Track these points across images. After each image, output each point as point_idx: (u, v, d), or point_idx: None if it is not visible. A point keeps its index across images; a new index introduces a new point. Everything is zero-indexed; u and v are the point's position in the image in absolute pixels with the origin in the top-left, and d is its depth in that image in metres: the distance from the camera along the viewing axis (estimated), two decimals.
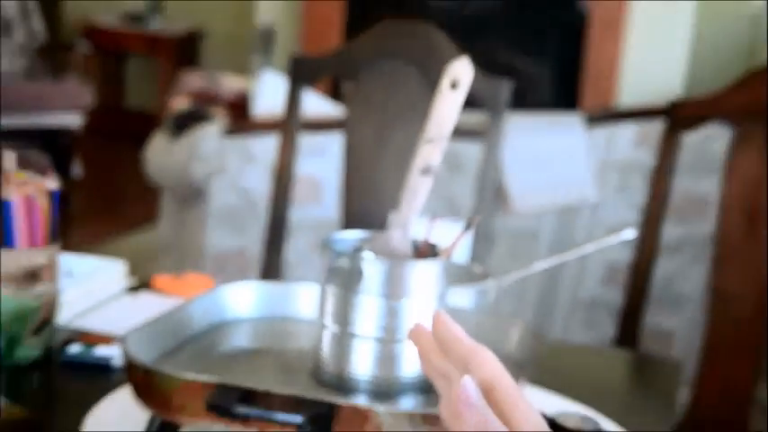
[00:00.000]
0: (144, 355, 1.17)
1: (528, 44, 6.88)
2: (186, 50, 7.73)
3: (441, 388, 0.87)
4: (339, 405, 1.10)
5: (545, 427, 0.86)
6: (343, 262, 1.18)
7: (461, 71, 1.15)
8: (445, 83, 1.15)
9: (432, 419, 1.10)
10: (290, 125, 2.36)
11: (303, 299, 1.38)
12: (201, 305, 1.35)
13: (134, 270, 1.84)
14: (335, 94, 3.95)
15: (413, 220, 1.19)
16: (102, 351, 1.49)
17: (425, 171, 1.17)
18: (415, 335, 0.88)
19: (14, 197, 1.44)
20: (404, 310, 1.17)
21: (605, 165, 3.39)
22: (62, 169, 5.66)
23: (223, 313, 1.37)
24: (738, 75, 2.18)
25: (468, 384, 0.81)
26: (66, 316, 1.57)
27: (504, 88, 2.20)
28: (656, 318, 3.31)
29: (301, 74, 2.36)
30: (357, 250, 1.18)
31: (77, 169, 6.44)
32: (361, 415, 1.09)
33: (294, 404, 1.10)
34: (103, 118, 7.06)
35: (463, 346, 0.86)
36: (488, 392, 0.84)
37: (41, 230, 1.46)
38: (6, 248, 1.44)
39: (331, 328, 1.19)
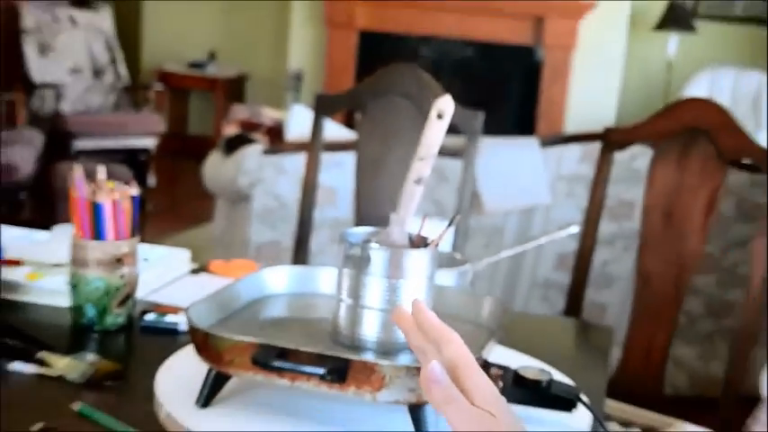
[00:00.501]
0: (203, 322, 1.17)
1: (496, 85, 6.87)
2: (235, 89, 7.72)
3: (420, 360, 0.87)
4: (352, 360, 1.10)
5: (498, 394, 0.86)
6: (355, 251, 1.18)
7: (445, 105, 1.15)
8: (433, 114, 1.15)
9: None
10: (314, 146, 2.36)
11: (324, 279, 1.38)
12: (246, 284, 1.35)
13: (195, 257, 1.84)
14: (349, 122, 3.95)
15: (408, 219, 1.19)
16: (171, 319, 1.49)
17: (418, 181, 1.17)
18: (397, 317, 0.89)
19: (105, 201, 1.44)
20: (402, 287, 1.17)
21: (556, 177, 3.39)
22: (140, 180, 5.64)
23: (263, 290, 1.37)
24: (656, 108, 2.18)
25: (435, 366, 0.82)
26: (143, 292, 1.57)
27: (478, 118, 2.20)
28: (594, 294, 3.31)
29: (323, 107, 2.36)
30: (366, 242, 1.18)
31: (152, 180, 6.44)
32: (369, 368, 1.09)
33: (317, 359, 1.10)
34: (171, 141, 7.05)
35: (435, 329, 0.87)
36: (453, 369, 0.84)
37: (125, 226, 1.46)
38: (99, 240, 1.44)
39: (346, 301, 1.19)
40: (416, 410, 1.11)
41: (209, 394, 1.17)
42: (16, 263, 1.62)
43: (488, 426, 0.82)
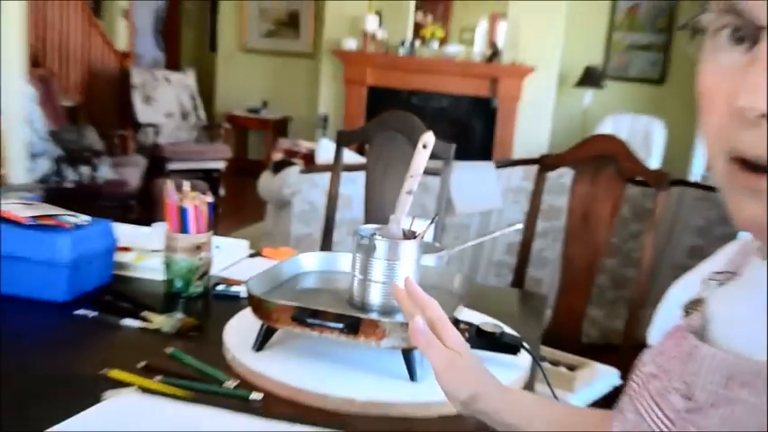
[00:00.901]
0: (257, 291, 1.17)
1: (464, 125, 6.87)
2: (280, 127, 7.72)
3: (408, 319, 0.88)
4: (362, 318, 1.10)
5: (463, 341, 0.87)
6: (365, 241, 1.18)
7: (428, 138, 1.15)
8: (419, 145, 1.15)
9: None
10: (336, 167, 2.36)
11: (343, 261, 1.38)
12: (287, 264, 1.35)
13: (252, 246, 1.84)
14: (360, 151, 3.94)
15: (402, 219, 1.19)
16: (235, 289, 1.49)
17: (409, 192, 1.17)
18: (394, 290, 0.91)
19: (189, 206, 1.44)
20: (397, 267, 1.17)
21: (506, 189, 3.38)
22: (214, 191, 5.65)
23: (299, 268, 1.37)
24: (576, 141, 2.18)
25: (419, 321, 0.83)
26: (215, 270, 1.57)
27: (451, 148, 2.20)
28: (533, 272, 3.30)
29: (342, 140, 2.36)
30: (372, 235, 1.18)
31: (222, 191, 6.44)
32: (374, 324, 1.09)
33: (338, 318, 1.10)
34: (235, 164, 7.05)
35: (420, 298, 0.88)
36: (432, 324, 0.85)
37: (203, 224, 1.46)
38: (184, 234, 1.44)
39: (358, 276, 1.19)
40: (408, 354, 1.11)
41: (261, 342, 1.17)
42: (127, 249, 1.62)
43: (457, 361, 0.83)
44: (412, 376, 1.10)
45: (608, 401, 1.94)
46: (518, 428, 0.80)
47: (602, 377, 2.06)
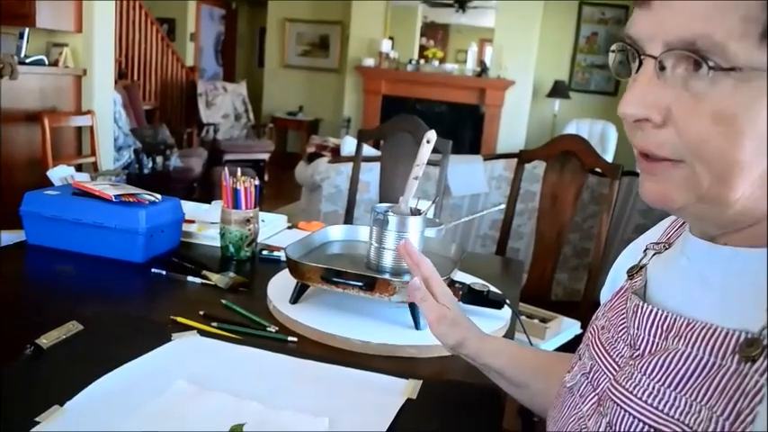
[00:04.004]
0: (294, 255, 1.15)
1: (459, 126, 6.82)
2: (313, 127, 7.70)
3: (413, 272, 0.88)
4: (377, 278, 1.08)
5: (452, 295, 0.87)
6: (380, 217, 1.16)
7: (431, 136, 1.13)
8: (424, 141, 1.12)
9: None
10: (357, 159, 2.33)
11: (362, 232, 1.36)
12: (318, 235, 1.33)
13: (289, 220, 1.82)
14: (376, 146, 3.92)
15: (409, 199, 1.17)
16: (276, 254, 1.47)
17: (415, 179, 1.15)
18: (398, 246, 0.91)
19: (240, 188, 1.42)
20: (406, 237, 1.15)
21: (490, 177, 3.35)
22: (260, 177, 5.66)
23: (327, 238, 1.35)
24: (547, 140, 2.15)
25: (416, 279, 0.83)
26: (261, 238, 1.56)
27: (448, 144, 2.17)
28: (512, 243, 3.29)
29: (362, 137, 2.34)
30: (386, 212, 1.16)
31: (266, 177, 6.43)
32: (386, 282, 1.07)
33: (358, 277, 1.09)
34: (278, 156, 7.05)
35: (416, 257, 0.87)
36: (427, 281, 0.84)
37: (251, 202, 1.44)
38: (237, 210, 1.42)
39: (374, 245, 1.17)
40: (413, 307, 1.09)
41: (296, 296, 1.15)
42: (191, 221, 1.61)
43: (446, 314, 0.82)
44: (416, 325, 1.09)
45: (572, 346, 1.92)
46: (492, 366, 0.82)
47: (567, 328, 2.05)
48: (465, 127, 6.87)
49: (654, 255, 0.63)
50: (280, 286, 1.21)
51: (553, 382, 0.74)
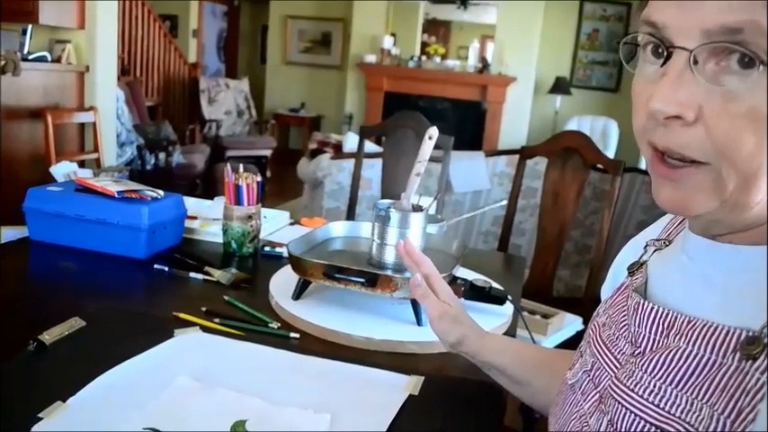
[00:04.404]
0: (296, 251, 1.15)
1: (461, 122, 6.81)
2: (315, 123, 7.69)
3: (411, 271, 0.88)
4: (379, 274, 1.08)
5: (452, 292, 0.87)
6: (381, 213, 1.15)
7: (433, 132, 1.12)
8: (426, 137, 1.12)
9: None
10: (359, 155, 2.33)
11: (364, 229, 1.35)
12: (320, 231, 1.33)
13: (292, 216, 1.81)
14: (378, 142, 3.91)
15: (411, 195, 1.17)
16: (278, 250, 1.47)
17: (417, 175, 1.14)
18: (398, 246, 0.91)
19: (243, 184, 1.42)
20: (408, 234, 1.14)
21: (492, 173, 3.34)
22: (262, 173, 5.66)
23: (329, 234, 1.35)
24: (548, 136, 2.14)
25: (417, 276, 0.84)
26: (263, 234, 1.56)
27: (450, 140, 2.17)
28: (514, 239, 3.29)
29: (364, 134, 2.33)
30: (388, 208, 1.16)
31: (269, 173, 6.43)
32: (388, 279, 1.07)
33: (360, 273, 1.08)
34: (280, 152, 7.04)
35: (416, 256, 0.87)
36: (427, 278, 0.84)
37: (253, 198, 1.44)
38: (239, 206, 1.42)
39: (376, 241, 1.17)
40: (415, 303, 1.09)
41: (299, 292, 1.15)
42: (193, 217, 1.61)
43: (447, 311, 0.82)
44: (418, 321, 1.08)
45: (573, 342, 1.92)
46: (493, 364, 0.82)
47: (569, 324, 2.04)
48: (467, 123, 6.86)
49: (654, 251, 0.63)
50: (282, 282, 1.21)
51: (554, 379, 0.74)
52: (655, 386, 0.51)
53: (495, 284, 1.22)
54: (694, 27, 0.44)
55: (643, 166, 5.75)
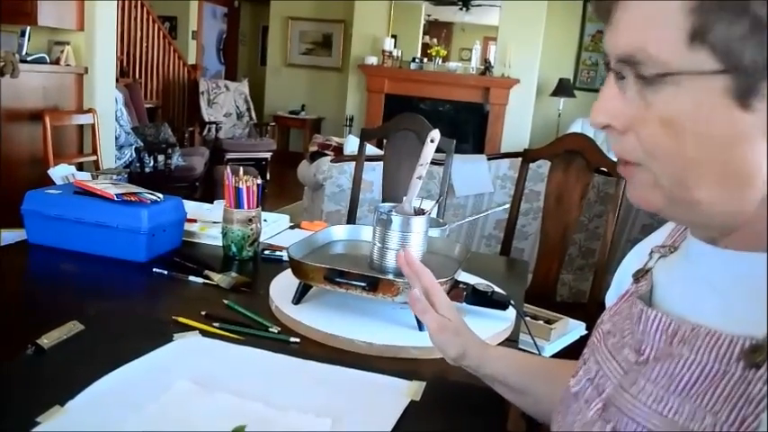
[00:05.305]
0: (297, 255, 1.15)
1: (463, 125, 6.81)
2: (316, 126, 7.70)
3: (411, 282, 0.88)
4: (380, 278, 1.08)
5: (453, 307, 0.86)
6: (383, 216, 1.16)
7: (434, 135, 1.12)
8: (427, 140, 1.12)
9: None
10: (360, 158, 2.33)
11: (365, 232, 1.35)
12: (321, 234, 1.33)
13: (292, 220, 1.82)
14: (379, 145, 3.92)
15: (413, 199, 1.17)
16: (279, 253, 1.47)
17: (419, 178, 1.15)
18: (398, 256, 0.89)
19: (243, 187, 1.42)
20: (409, 237, 1.15)
21: (495, 176, 3.34)
22: (262, 175, 5.64)
23: (330, 238, 1.35)
24: (552, 139, 2.14)
25: (416, 291, 0.83)
26: (263, 238, 1.56)
27: (452, 143, 2.17)
28: (517, 243, 3.28)
29: (365, 136, 2.33)
30: (389, 212, 1.16)
31: (269, 176, 6.43)
32: (390, 283, 1.07)
33: (361, 277, 1.08)
34: (280, 155, 7.05)
35: (416, 267, 0.87)
36: (426, 291, 0.84)
37: (254, 201, 1.44)
38: (239, 209, 1.42)
39: (377, 245, 1.17)
40: None
41: (299, 296, 1.15)
42: (193, 221, 1.61)
43: (447, 325, 0.82)
44: (419, 326, 1.08)
45: (576, 348, 1.92)
46: (496, 375, 0.82)
47: (573, 329, 2.04)
48: (469, 126, 6.86)
49: (659, 258, 0.63)
50: (282, 286, 1.21)
51: (556, 387, 0.74)
52: (658, 394, 0.52)
53: (497, 289, 1.22)
54: (611, 51, 0.53)
55: None
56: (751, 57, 0.45)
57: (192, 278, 1.28)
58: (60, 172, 1.65)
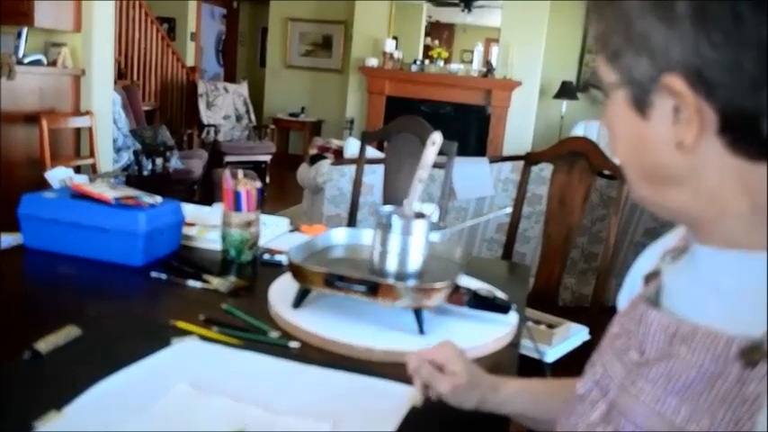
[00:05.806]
0: (296, 259, 1.16)
1: (464, 127, 6.81)
2: (315, 128, 7.70)
3: (415, 383, 0.85)
4: (381, 282, 1.08)
5: (459, 355, 0.85)
6: (383, 220, 1.16)
7: (436, 137, 1.13)
8: (428, 143, 1.13)
9: (422, 290, 1.08)
10: (360, 161, 2.34)
11: (365, 236, 1.35)
12: (321, 238, 1.33)
13: (292, 223, 1.82)
14: (380, 147, 3.92)
15: (414, 202, 1.17)
16: (278, 257, 1.48)
17: (420, 181, 1.15)
18: (412, 365, 0.86)
19: (242, 190, 1.43)
20: (410, 241, 1.15)
21: (497, 179, 3.34)
22: (262, 179, 5.64)
23: (330, 241, 1.35)
24: (554, 141, 2.15)
25: (413, 364, 0.84)
26: (262, 241, 1.56)
27: (454, 146, 2.17)
28: (518, 247, 3.28)
29: (365, 139, 2.34)
30: (390, 215, 1.16)
31: (268, 179, 6.43)
32: (390, 287, 1.07)
33: (361, 281, 1.09)
34: (279, 157, 7.05)
35: (432, 354, 0.85)
36: (433, 360, 0.83)
37: (253, 204, 1.45)
38: (238, 212, 1.43)
39: (377, 248, 1.17)
40: (418, 312, 1.09)
41: (299, 300, 1.15)
42: (191, 224, 1.61)
43: (458, 382, 0.82)
44: (421, 330, 1.08)
45: (579, 353, 1.92)
46: (516, 414, 0.84)
47: (575, 333, 2.04)
48: (470, 128, 6.87)
49: (669, 260, 0.64)
50: (281, 290, 1.21)
51: None
52: (657, 395, 0.52)
53: (499, 293, 1.22)
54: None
55: None
56: (639, 73, 0.52)
57: (190, 282, 1.28)
58: (57, 175, 1.65)
